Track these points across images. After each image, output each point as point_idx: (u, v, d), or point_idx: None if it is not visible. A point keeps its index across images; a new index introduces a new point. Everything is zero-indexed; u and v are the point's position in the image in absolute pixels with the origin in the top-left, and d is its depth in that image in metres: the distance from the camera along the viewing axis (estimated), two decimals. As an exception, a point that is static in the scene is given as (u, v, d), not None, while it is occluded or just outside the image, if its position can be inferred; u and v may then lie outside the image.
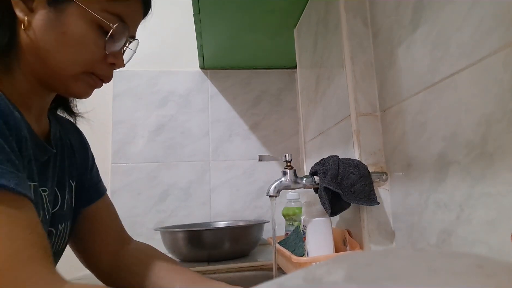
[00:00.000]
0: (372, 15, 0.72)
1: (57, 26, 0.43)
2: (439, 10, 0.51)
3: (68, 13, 0.44)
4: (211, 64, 1.38)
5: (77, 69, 0.46)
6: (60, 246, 0.53)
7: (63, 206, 0.52)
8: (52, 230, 0.49)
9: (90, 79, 0.49)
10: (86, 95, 0.51)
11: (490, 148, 0.42)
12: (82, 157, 0.61)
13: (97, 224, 0.62)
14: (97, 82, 0.50)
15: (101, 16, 0.45)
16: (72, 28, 0.44)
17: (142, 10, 0.52)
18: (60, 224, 0.51)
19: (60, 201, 0.52)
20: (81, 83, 0.48)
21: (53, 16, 0.43)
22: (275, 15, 1.04)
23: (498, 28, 0.40)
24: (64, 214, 0.53)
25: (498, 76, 0.41)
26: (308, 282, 0.20)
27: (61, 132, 0.57)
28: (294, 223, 0.99)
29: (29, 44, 0.44)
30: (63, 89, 0.48)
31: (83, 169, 0.61)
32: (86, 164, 0.63)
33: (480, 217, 0.44)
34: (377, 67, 0.71)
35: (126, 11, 0.48)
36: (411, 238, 0.60)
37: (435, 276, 0.18)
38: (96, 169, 0.66)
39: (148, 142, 1.34)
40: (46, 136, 0.52)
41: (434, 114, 0.53)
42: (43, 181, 0.48)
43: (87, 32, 0.45)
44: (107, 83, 0.52)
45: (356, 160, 0.67)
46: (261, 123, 1.41)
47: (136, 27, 0.53)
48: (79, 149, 0.61)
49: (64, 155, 0.55)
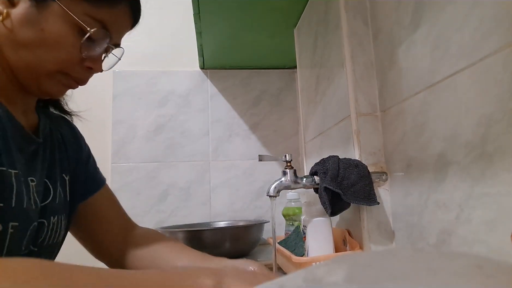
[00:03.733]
0: (372, 15, 0.72)
1: (36, 22, 0.44)
2: (439, 11, 0.51)
3: (49, 11, 0.44)
4: (211, 64, 1.38)
5: (51, 68, 0.47)
6: (55, 239, 0.54)
7: (55, 199, 0.53)
8: (43, 221, 0.50)
9: (64, 79, 0.49)
10: (59, 94, 0.52)
11: (490, 148, 0.42)
12: (75, 151, 0.62)
13: (100, 215, 0.64)
14: (72, 83, 0.51)
15: (81, 19, 0.45)
16: (50, 27, 0.45)
17: (129, 20, 0.53)
18: (52, 216, 0.52)
19: (52, 193, 0.52)
20: (55, 82, 0.48)
21: (34, 12, 0.44)
22: (275, 15, 1.04)
23: (498, 29, 0.40)
24: (56, 207, 0.53)
25: (498, 76, 0.41)
26: (308, 283, 0.20)
27: (51, 126, 0.58)
28: (294, 223, 0.99)
29: (6, 36, 0.44)
30: (36, 86, 0.48)
31: (77, 163, 0.62)
32: (80, 158, 0.63)
33: (479, 217, 0.44)
34: (377, 67, 0.71)
35: (110, 19, 0.48)
36: (411, 238, 0.61)
37: (435, 276, 0.18)
38: (92, 162, 0.67)
39: (147, 142, 1.34)
40: (34, 129, 0.53)
41: (434, 114, 0.53)
42: (31, 171, 0.48)
43: (66, 33, 0.45)
44: (82, 85, 0.52)
45: (356, 160, 0.67)
46: (261, 123, 1.41)
47: (120, 35, 0.53)
48: (71, 143, 0.62)
49: (54, 148, 0.56)
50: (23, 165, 0.46)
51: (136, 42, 1.41)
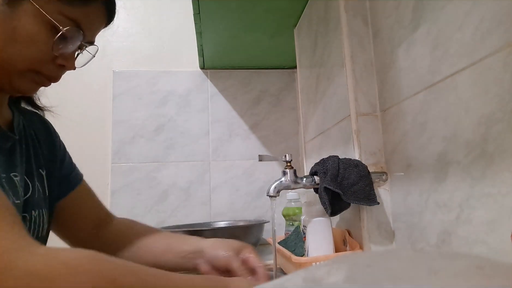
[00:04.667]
0: (372, 14, 0.72)
1: (8, 20, 0.44)
2: (439, 10, 0.51)
3: (22, 9, 0.44)
4: (211, 64, 1.38)
5: (23, 66, 0.47)
6: (39, 233, 0.54)
7: (34, 193, 0.54)
8: (26, 216, 0.51)
9: (36, 77, 0.49)
10: (31, 92, 0.52)
11: (490, 148, 0.42)
12: (49, 148, 0.62)
13: (74, 212, 0.65)
14: (44, 81, 0.51)
15: (54, 18, 0.45)
16: (22, 25, 0.44)
17: (104, 18, 0.53)
18: (33, 210, 0.52)
19: (31, 188, 0.53)
20: (26, 80, 0.48)
21: (6, 10, 0.44)
22: (275, 15, 1.04)
23: (498, 28, 0.40)
24: (36, 201, 0.54)
25: (498, 76, 0.41)
26: (308, 283, 0.20)
27: (25, 123, 0.58)
28: (294, 223, 0.99)
29: None
30: (7, 84, 0.48)
31: (52, 159, 0.62)
32: (55, 155, 0.63)
33: (480, 217, 0.44)
34: (377, 66, 0.71)
35: (84, 17, 0.48)
36: (411, 238, 0.60)
37: (435, 277, 0.18)
38: (69, 159, 0.67)
39: (148, 142, 1.34)
40: (8, 125, 0.53)
41: (434, 114, 0.53)
42: (12, 167, 0.49)
43: (38, 31, 0.45)
44: (54, 82, 0.52)
45: (356, 160, 0.66)
46: (261, 123, 1.41)
47: (94, 33, 0.53)
48: (44, 140, 0.62)
49: (29, 144, 0.56)
50: (4, 162, 0.47)
51: (136, 42, 1.41)
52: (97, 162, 1.31)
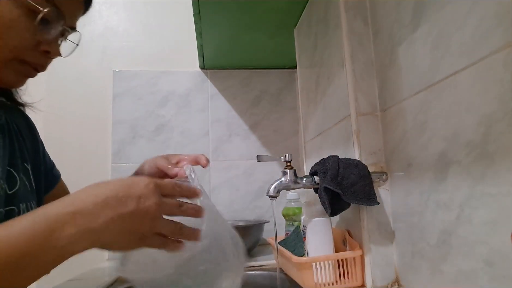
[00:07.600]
0: (372, 14, 0.72)
1: None
2: (439, 10, 0.51)
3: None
4: (211, 64, 1.38)
5: (6, 55, 0.45)
6: None
7: (21, 187, 0.53)
8: (14, 208, 0.50)
9: (21, 67, 0.48)
10: (18, 85, 0.51)
11: (490, 148, 0.42)
12: (31, 142, 0.62)
13: None
14: (30, 71, 0.49)
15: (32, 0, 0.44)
16: (0, 12, 0.43)
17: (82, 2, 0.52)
18: (21, 203, 0.52)
19: (18, 181, 0.52)
20: (11, 71, 0.47)
21: None
22: (275, 15, 1.04)
23: (499, 28, 0.40)
24: (24, 194, 0.53)
25: (498, 75, 0.41)
26: None
27: (7, 117, 0.57)
28: (294, 223, 0.99)
29: None
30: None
31: (35, 154, 0.62)
32: (37, 149, 0.63)
33: (480, 217, 0.44)
34: (377, 66, 0.71)
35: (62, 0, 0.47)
36: (411, 238, 0.60)
37: None
38: (47, 155, 0.67)
39: (148, 142, 1.34)
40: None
41: (435, 113, 0.53)
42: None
43: (17, 17, 0.44)
44: (42, 71, 0.51)
45: (356, 160, 0.66)
46: (261, 123, 1.41)
47: (74, 17, 0.52)
48: (27, 134, 0.61)
49: (12, 138, 0.55)
50: None
51: (136, 42, 1.41)
52: (97, 162, 1.31)
